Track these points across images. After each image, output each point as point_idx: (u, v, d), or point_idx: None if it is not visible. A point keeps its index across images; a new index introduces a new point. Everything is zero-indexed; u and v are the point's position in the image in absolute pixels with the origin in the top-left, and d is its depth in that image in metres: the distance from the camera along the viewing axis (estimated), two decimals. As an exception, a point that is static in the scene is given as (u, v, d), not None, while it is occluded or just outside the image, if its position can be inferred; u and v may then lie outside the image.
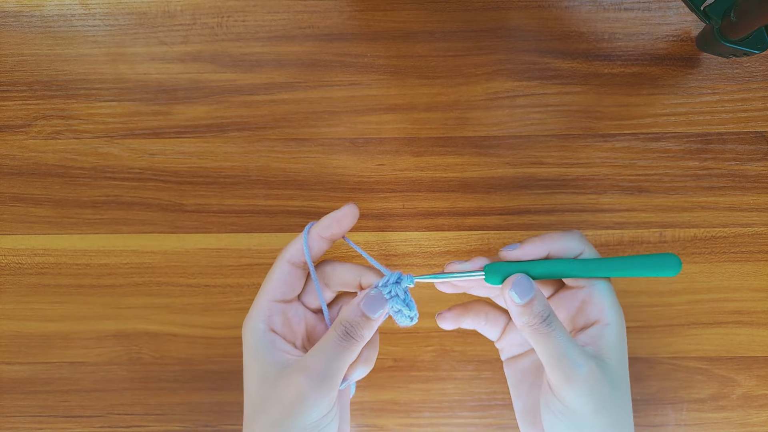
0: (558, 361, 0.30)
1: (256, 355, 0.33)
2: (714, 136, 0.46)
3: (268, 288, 0.34)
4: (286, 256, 0.34)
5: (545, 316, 0.31)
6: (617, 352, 0.32)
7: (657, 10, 0.46)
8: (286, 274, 0.34)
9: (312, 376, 0.30)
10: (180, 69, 0.46)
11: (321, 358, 0.31)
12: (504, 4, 0.46)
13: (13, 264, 0.47)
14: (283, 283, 0.34)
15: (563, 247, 0.33)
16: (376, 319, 0.32)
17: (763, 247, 0.45)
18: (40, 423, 0.46)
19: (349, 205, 0.34)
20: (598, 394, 0.30)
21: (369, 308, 0.32)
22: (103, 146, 0.47)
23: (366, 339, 0.32)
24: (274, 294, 0.34)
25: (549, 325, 0.31)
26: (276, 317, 0.34)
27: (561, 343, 0.30)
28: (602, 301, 0.33)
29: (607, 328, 0.32)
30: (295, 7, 0.46)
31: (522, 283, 0.32)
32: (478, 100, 0.46)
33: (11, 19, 0.47)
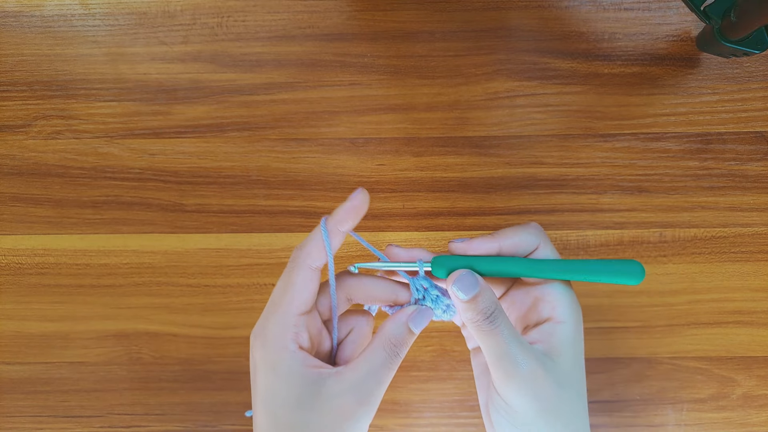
0: (500, 358, 0.29)
1: (287, 380, 0.29)
2: (714, 136, 0.46)
3: (291, 299, 0.30)
4: (306, 260, 0.30)
5: (488, 313, 0.30)
6: (570, 351, 0.31)
7: (657, 10, 0.46)
8: (309, 281, 0.30)
9: (362, 395, 0.29)
10: (180, 69, 0.46)
11: (365, 375, 0.29)
12: (504, 4, 0.46)
13: (13, 264, 0.47)
14: (307, 291, 0.30)
15: (516, 242, 0.32)
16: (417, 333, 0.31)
17: (764, 247, 0.45)
18: (40, 423, 0.46)
19: (360, 190, 0.32)
20: (541, 395, 0.29)
21: (417, 323, 0.31)
22: (103, 146, 0.47)
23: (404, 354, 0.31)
24: (299, 306, 0.30)
25: (492, 323, 0.30)
26: (303, 333, 0.30)
27: (504, 341, 0.29)
28: (556, 299, 0.31)
29: (559, 326, 0.31)
30: (295, 7, 0.46)
31: (466, 278, 0.30)
32: (478, 100, 0.46)
33: (11, 19, 0.47)
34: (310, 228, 0.46)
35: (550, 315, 0.31)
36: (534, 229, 0.33)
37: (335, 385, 0.29)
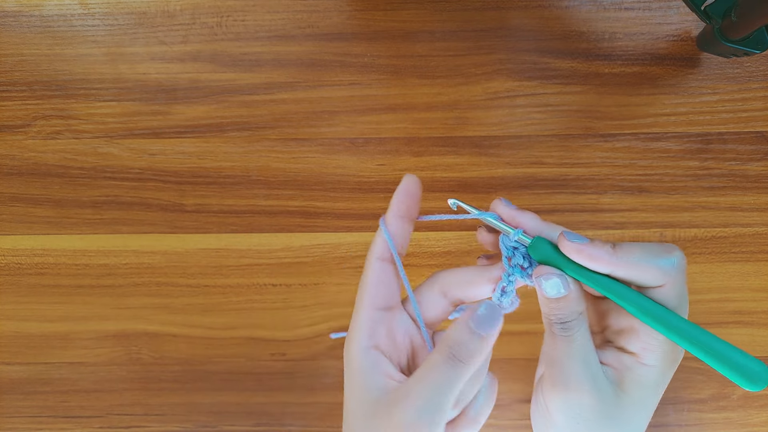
0: (555, 367, 0.27)
1: (356, 377, 0.28)
2: (714, 136, 0.46)
3: (365, 295, 0.29)
4: (374, 253, 0.29)
5: (566, 321, 0.27)
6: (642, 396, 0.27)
7: (657, 10, 0.46)
8: (380, 273, 0.29)
9: (417, 407, 0.26)
10: (179, 69, 0.46)
11: (425, 386, 0.26)
12: (504, 4, 0.46)
13: (12, 264, 0.46)
14: (380, 284, 0.29)
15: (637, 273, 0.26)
16: (488, 336, 0.26)
17: (764, 247, 0.45)
18: (39, 423, 0.46)
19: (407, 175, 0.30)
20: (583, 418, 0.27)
21: (480, 324, 0.26)
22: (103, 146, 0.46)
23: (478, 361, 0.26)
24: (374, 300, 0.28)
25: (565, 330, 0.27)
26: (379, 329, 0.28)
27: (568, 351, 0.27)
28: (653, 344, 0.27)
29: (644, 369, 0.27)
30: (294, 7, 0.46)
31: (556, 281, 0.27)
32: (478, 100, 0.46)
33: (11, 19, 0.47)
34: (310, 228, 0.46)
35: (639, 352, 0.27)
36: (670, 260, 0.26)
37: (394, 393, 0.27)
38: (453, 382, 0.26)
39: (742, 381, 0.25)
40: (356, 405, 0.28)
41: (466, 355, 0.26)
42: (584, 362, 0.27)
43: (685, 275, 0.27)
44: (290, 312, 0.46)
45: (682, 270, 0.27)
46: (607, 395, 0.27)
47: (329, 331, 0.46)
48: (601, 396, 0.27)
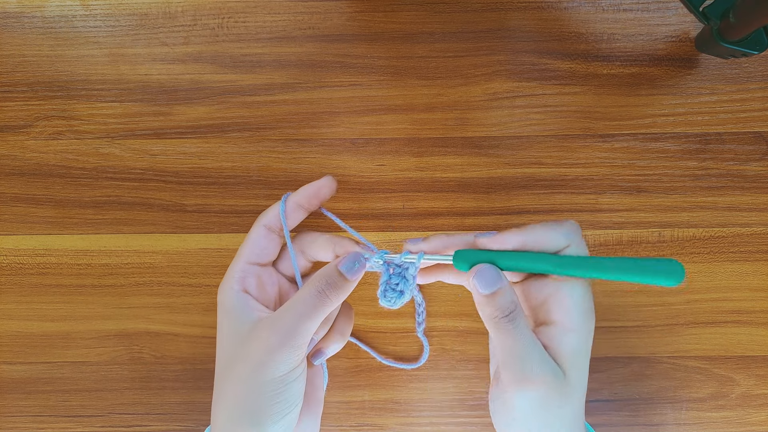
0: (513, 359, 0.29)
1: (229, 314, 0.33)
2: (713, 137, 0.46)
3: (243, 251, 0.35)
4: (263, 220, 0.35)
5: (508, 312, 0.29)
6: (578, 363, 0.29)
7: (656, 11, 0.46)
8: (262, 238, 0.35)
9: (280, 331, 0.30)
10: (181, 70, 0.47)
11: (290, 314, 0.31)
12: (503, 6, 0.46)
13: (14, 264, 0.47)
14: (258, 246, 0.35)
15: (543, 239, 0.30)
16: (351, 281, 0.32)
17: (762, 247, 0.45)
18: (41, 423, 0.47)
19: (327, 177, 0.35)
20: (546, 402, 0.29)
21: (346, 267, 0.32)
22: (105, 147, 0.47)
23: (338, 300, 0.31)
24: (249, 256, 0.34)
25: (511, 322, 0.29)
26: (250, 279, 0.34)
27: (519, 343, 0.29)
28: (569, 302, 0.30)
29: (569, 334, 0.29)
30: (295, 8, 0.47)
31: (487, 273, 0.29)
32: (478, 101, 0.46)
33: (12, 20, 0.47)
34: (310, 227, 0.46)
35: (560, 319, 0.30)
36: (567, 227, 0.30)
37: (263, 321, 0.32)
38: (317, 312, 0.31)
39: (665, 281, 0.27)
40: (228, 336, 0.33)
41: (329, 291, 0.31)
42: (538, 352, 0.29)
43: (583, 239, 0.31)
44: (291, 311, 0.46)
45: (579, 233, 0.31)
46: (559, 375, 0.29)
47: (330, 330, 0.46)
48: (557, 379, 0.29)
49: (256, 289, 0.35)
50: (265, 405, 0.30)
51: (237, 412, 0.31)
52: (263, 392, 0.30)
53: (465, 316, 0.46)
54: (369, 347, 0.46)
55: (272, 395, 0.30)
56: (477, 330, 0.46)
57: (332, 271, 0.32)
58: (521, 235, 0.30)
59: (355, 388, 0.46)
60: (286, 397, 0.31)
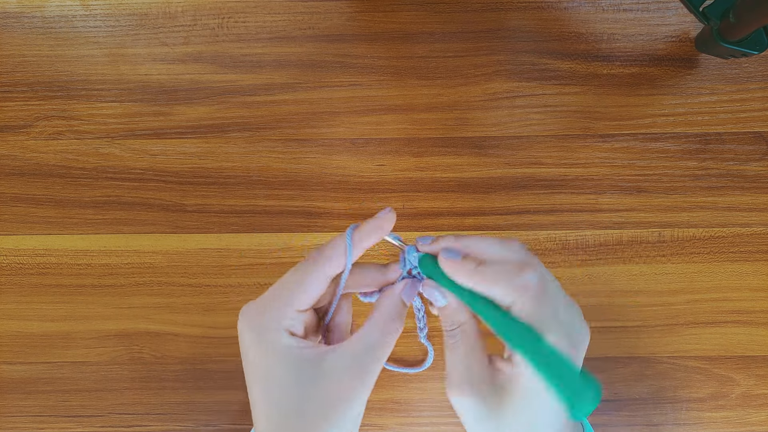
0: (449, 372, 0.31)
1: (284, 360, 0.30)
2: (713, 137, 0.46)
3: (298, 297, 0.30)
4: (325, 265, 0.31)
5: (449, 329, 0.31)
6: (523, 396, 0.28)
7: (656, 11, 0.46)
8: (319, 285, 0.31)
9: (360, 369, 0.29)
10: (181, 70, 0.47)
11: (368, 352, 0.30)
12: (503, 6, 0.46)
13: (14, 264, 0.47)
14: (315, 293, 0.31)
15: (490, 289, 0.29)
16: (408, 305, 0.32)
17: (762, 247, 0.45)
18: (41, 423, 0.47)
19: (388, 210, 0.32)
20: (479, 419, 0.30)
21: (408, 294, 0.32)
22: (105, 147, 0.47)
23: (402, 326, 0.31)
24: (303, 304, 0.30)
25: (451, 338, 0.31)
26: (299, 326, 0.31)
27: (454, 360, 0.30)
28: None
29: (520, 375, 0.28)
30: (295, 8, 0.47)
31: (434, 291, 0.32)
32: (478, 101, 0.46)
33: (12, 20, 0.47)
34: (310, 228, 0.46)
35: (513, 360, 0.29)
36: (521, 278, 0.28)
37: (334, 360, 0.29)
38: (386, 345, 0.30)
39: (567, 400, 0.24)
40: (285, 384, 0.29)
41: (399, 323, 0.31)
42: (466, 368, 0.30)
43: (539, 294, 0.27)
44: (291, 311, 0.46)
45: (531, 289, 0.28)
46: (488, 397, 0.29)
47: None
48: (482, 397, 0.29)
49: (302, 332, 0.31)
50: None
51: None
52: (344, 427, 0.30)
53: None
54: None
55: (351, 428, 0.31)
56: (477, 330, 0.46)
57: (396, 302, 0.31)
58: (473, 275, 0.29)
59: (355, 388, 0.46)
60: None
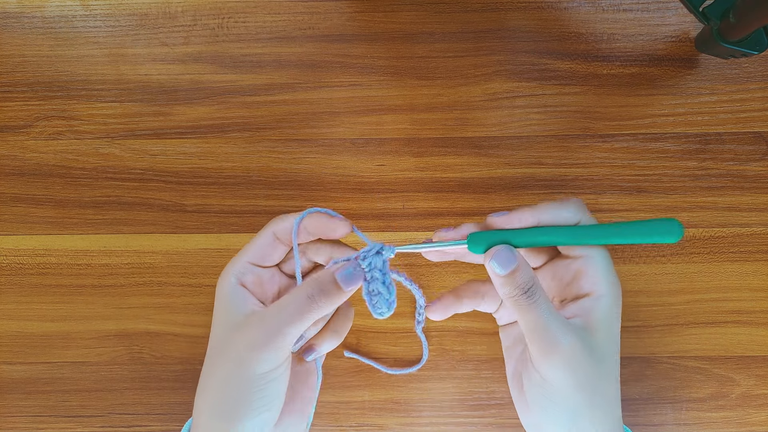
0: (538, 333, 0.30)
1: (222, 304, 0.33)
2: (713, 137, 0.46)
3: (247, 250, 0.35)
4: (273, 227, 0.35)
5: (527, 288, 0.30)
6: (606, 326, 0.31)
7: (656, 11, 0.46)
8: (268, 245, 0.35)
9: (265, 329, 0.31)
10: (181, 70, 0.47)
11: (278, 314, 0.31)
12: (503, 6, 0.46)
13: (14, 264, 0.47)
14: (263, 250, 0.35)
15: (555, 216, 0.31)
16: (346, 292, 0.31)
17: (762, 247, 0.45)
18: (41, 423, 0.47)
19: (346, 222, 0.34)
20: (579, 370, 0.30)
21: (343, 278, 0.31)
22: (105, 147, 0.47)
23: (329, 308, 0.31)
24: (252, 257, 0.34)
25: (530, 297, 0.30)
26: (249, 276, 0.34)
27: (542, 316, 0.30)
28: (596, 272, 0.31)
29: (598, 300, 0.31)
30: (295, 8, 0.47)
31: (503, 253, 0.30)
32: (478, 101, 0.46)
33: (12, 20, 0.47)
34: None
35: (591, 289, 0.31)
36: (574, 204, 0.32)
37: (252, 316, 0.32)
38: (304, 317, 0.31)
39: (665, 238, 0.30)
40: (221, 326, 0.33)
41: (321, 299, 0.31)
42: (560, 320, 0.30)
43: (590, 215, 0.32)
44: (291, 312, 0.46)
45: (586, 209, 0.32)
46: (588, 341, 0.30)
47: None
48: (585, 343, 0.30)
49: (253, 285, 0.35)
50: (242, 401, 0.31)
51: (215, 405, 0.31)
52: (241, 388, 0.31)
53: (465, 317, 0.46)
54: (370, 359, 0.46)
55: (250, 392, 0.31)
56: (477, 330, 0.46)
57: (327, 278, 0.31)
58: (534, 213, 0.31)
59: (355, 388, 0.46)
60: (264, 395, 0.31)
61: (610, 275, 0.32)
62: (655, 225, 0.30)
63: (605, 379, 0.31)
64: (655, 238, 0.30)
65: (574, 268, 0.32)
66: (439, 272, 0.46)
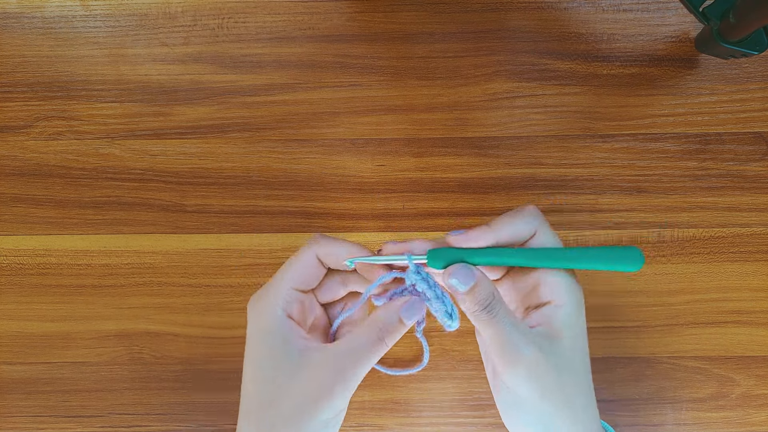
0: (500, 347, 0.30)
1: (269, 339, 0.31)
2: (713, 137, 0.46)
3: (290, 274, 0.33)
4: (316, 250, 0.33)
5: (486, 303, 0.30)
6: (570, 333, 0.31)
7: (656, 12, 0.46)
8: (313, 268, 0.33)
9: (341, 372, 0.30)
10: (181, 70, 0.47)
11: (353, 357, 0.30)
12: (503, 6, 0.46)
13: (14, 264, 0.47)
14: (308, 273, 0.33)
15: (512, 232, 0.32)
16: (407, 325, 0.32)
17: (762, 247, 0.45)
18: (41, 423, 0.47)
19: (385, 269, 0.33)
20: (542, 380, 0.30)
21: (407, 314, 0.31)
22: (105, 147, 0.47)
23: (392, 343, 0.31)
24: (296, 282, 0.32)
25: (490, 312, 0.30)
26: (295, 305, 0.32)
27: (503, 330, 0.30)
28: (554, 281, 0.32)
29: (559, 308, 0.31)
30: (295, 9, 0.47)
31: (462, 272, 0.31)
32: (478, 101, 0.46)
33: (12, 20, 0.47)
34: (310, 228, 0.46)
35: (550, 298, 0.32)
36: (530, 215, 0.32)
37: (315, 356, 0.30)
38: (370, 354, 0.30)
39: (626, 267, 0.31)
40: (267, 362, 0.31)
41: (389, 337, 0.31)
42: (521, 331, 0.30)
43: (546, 221, 0.33)
44: (291, 312, 0.46)
45: (541, 216, 0.33)
46: (551, 350, 0.30)
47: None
48: (543, 351, 0.30)
49: (299, 315, 0.32)
50: None
51: None
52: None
53: (464, 317, 0.46)
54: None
55: None
56: (477, 330, 0.46)
57: (394, 318, 0.31)
58: (492, 231, 0.32)
59: (355, 389, 0.46)
60: None
61: (570, 282, 0.32)
62: (615, 252, 0.31)
63: (572, 386, 0.31)
64: (615, 266, 0.31)
65: (532, 278, 0.33)
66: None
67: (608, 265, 0.31)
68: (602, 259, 0.31)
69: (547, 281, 0.32)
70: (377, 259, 0.33)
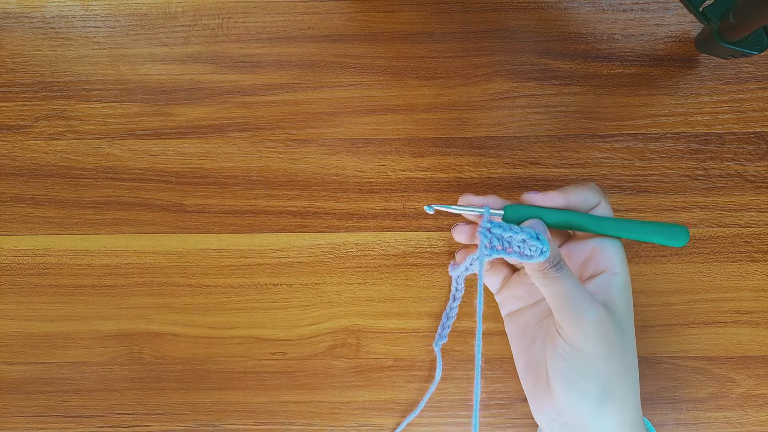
0: (568, 304, 0.32)
1: None
2: (713, 137, 0.46)
3: None
4: None
5: (556, 261, 0.32)
6: (624, 300, 0.34)
7: (656, 11, 0.46)
8: None
9: None
10: (181, 70, 0.47)
11: None
12: (503, 6, 0.46)
13: (14, 264, 0.47)
14: None
15: (581, 198, 0.35)
16: None
17: (762, 247, 0.45)
18: (40, 423, 0.47)
19: None
20: (608, 337, 0.32)
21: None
22: (105, 147, 0.47)
23: None
24: None
25: (559, 270, 0.32)
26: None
27: (571, 287, 0.32)
28: (612, 252, 0.35)
29: (615, 277, 0.34)
30: (295, 9, 0.47)
31: (539, 227, 0.33)
32: (478, 101, 0.46)
33: (12, 20, 0.47)
34: (310, 228, 0.46)
35: (606, 267, 0.34)
36: (593, 189, 0.36)
37: None
38: None
39: (673, 242, 0.35)
40: None
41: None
42: (585, 290, 0.33)
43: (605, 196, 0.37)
44: (291, 312, 0.46)
45: (602, 192, 0.37)
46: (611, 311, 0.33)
47: (330, 331, 0.46)
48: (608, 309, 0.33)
49: None
50: None
51: None
52: None
53: (465, 317, 0.46)
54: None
55: None
56: (477, 330, 0.46)
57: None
58: (564, 196, 0.35)
59: (355, 388, 0.46)
60: None
61: (623, 256, 0.35)
62: (669, 229, 0.35)
63: (630, 350, 0.34)
64: (668, 241, 0.35)
65: (589, 247, 0.36)
66: (439, 272, 0.46)
67: (659, 239, 0.35)
68: (659, 233, 0.35)
69: (604, 250, 0.35)
70: (455, 208, 0.37)
